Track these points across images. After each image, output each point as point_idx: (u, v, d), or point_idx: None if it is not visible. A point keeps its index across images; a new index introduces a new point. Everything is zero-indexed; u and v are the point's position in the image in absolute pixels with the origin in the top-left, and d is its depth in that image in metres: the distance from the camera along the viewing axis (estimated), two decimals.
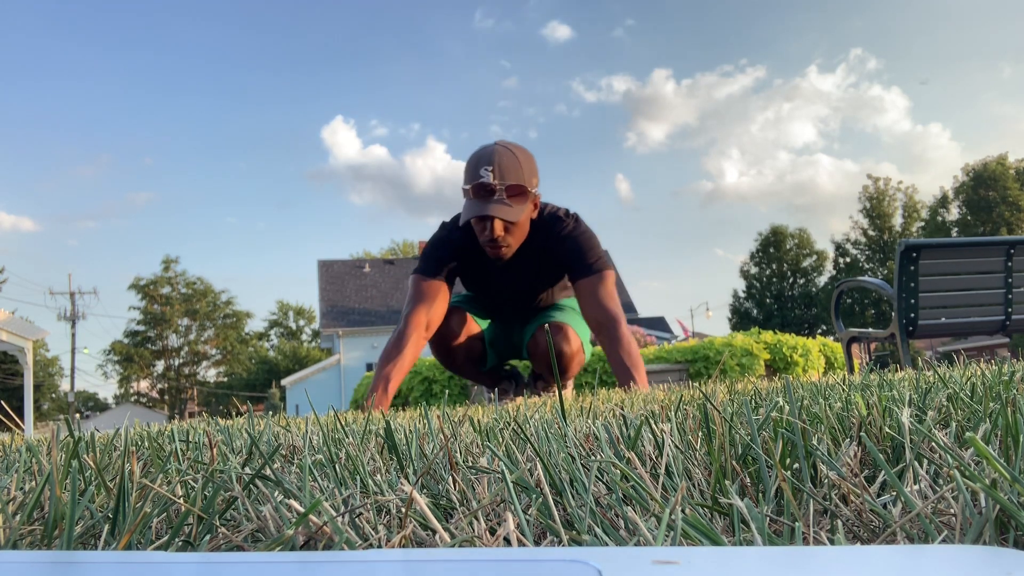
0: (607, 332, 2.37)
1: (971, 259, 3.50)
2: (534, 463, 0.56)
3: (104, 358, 42.98)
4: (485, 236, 2.33)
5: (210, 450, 0.68)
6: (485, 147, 2.36)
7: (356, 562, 0.30)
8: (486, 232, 2.32)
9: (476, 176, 2.28)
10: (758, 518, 0.36)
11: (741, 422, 0.64)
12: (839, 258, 37.55)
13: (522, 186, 2.30)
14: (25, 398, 10.90)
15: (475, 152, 2.37)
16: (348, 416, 1.30)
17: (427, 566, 0.29)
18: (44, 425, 23.74)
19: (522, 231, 2.38)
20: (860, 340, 3.89)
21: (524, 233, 2.40)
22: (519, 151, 2.36)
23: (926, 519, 0.36)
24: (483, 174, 2.27)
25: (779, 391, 1.00)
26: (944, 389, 0.81)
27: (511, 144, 2.38)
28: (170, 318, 42.02)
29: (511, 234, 2.35)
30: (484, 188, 2.28)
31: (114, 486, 0.54)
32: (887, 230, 36.50)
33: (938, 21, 52.77)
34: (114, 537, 0.44)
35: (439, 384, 6.53)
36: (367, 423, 1.01)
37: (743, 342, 6.66)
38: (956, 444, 0.54)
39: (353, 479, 0.54)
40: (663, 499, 0.44)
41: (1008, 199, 33.49)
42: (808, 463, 0.48)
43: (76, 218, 58.19)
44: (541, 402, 1.41)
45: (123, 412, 35.36)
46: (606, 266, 2.45)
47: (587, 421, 0.81)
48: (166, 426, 1.16)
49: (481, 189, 2.28)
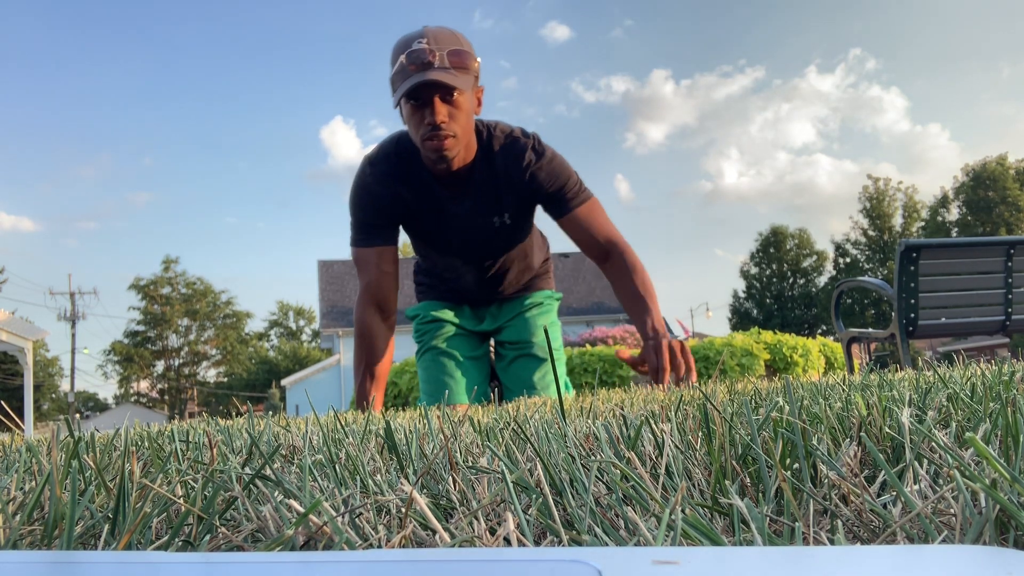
0: (616, 261, 2.05)
1: (971, 259, 3.51)
2: (534, 463, 0.56)
3: (104, 358, 43.01)
4: (425, 124, 1.86)
5: (210, 450, 0.68)
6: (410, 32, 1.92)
7: (356, 562, 0.30)
8: (427, 118, 1.85)
9: (407, 50, 1.84)
10: (758, 518, 0.36)
11: (741, 422, 0.64)
12: (839, 258, 37.57)
13: (465, 52, 1.87)
14: (25, 398, 10.90)
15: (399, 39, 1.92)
16: (348, 416, 1.30)
17: (427, 566, 0.29)
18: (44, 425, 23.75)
19: (468, 123, 1.92)
20: (860, 340, 3.89)
21: (470, 129, 1.95)
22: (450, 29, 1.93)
23: (926, 519, 0.36)
24: (416, 46, 1.83)
25: (779, 391, 1.00)
26: (944, 389, 0.81)
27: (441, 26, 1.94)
28: (170, 318, 42.01)
29: (456, 121, 1.88)
30: (419, 57, 1.82)
31: (114, 486, 0.54)
32: (887, 230, 36.51)
33: (937, 21, 52.81)
34: (114, 537, 0.44)
35: None
36: (367, 423, 1.01)
37: (743, 342, 6.66)
38: (956, 444, 0.54)
39: (353, 479, 0.54)
40: (663, 499, 0.44)
41: (1008, 199, 33.50)
42: (808, 463, 0.48)
43: (76, 218, 58.22)
44: (541, 402, 1.41)
45: (123, 412, 35.34)
46: (589, 193, 2.09)
47: (587, 421, 0.81)
48: (166, 426, 1.16)
49: (416, 58, 1.82)
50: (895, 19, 53.49)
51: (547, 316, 2.37)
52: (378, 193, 2.02)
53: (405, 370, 6.79)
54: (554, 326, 2.40)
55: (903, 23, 53.57)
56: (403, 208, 2.05)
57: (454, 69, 1.84)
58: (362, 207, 2.05)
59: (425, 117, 1.85)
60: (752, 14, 55.97)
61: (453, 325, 2.33)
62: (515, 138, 2.02)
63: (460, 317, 2.35)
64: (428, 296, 2.39)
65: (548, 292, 2.43)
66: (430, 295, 2.39)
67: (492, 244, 2.15)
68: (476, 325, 2.35)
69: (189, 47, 55.21)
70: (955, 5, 51.84)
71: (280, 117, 58.37)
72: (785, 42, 56.58)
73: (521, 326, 2.31)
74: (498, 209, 2.06)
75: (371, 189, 2.03)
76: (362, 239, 2.07)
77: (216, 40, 55.53)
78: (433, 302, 2.37)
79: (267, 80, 57.48)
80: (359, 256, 2.08)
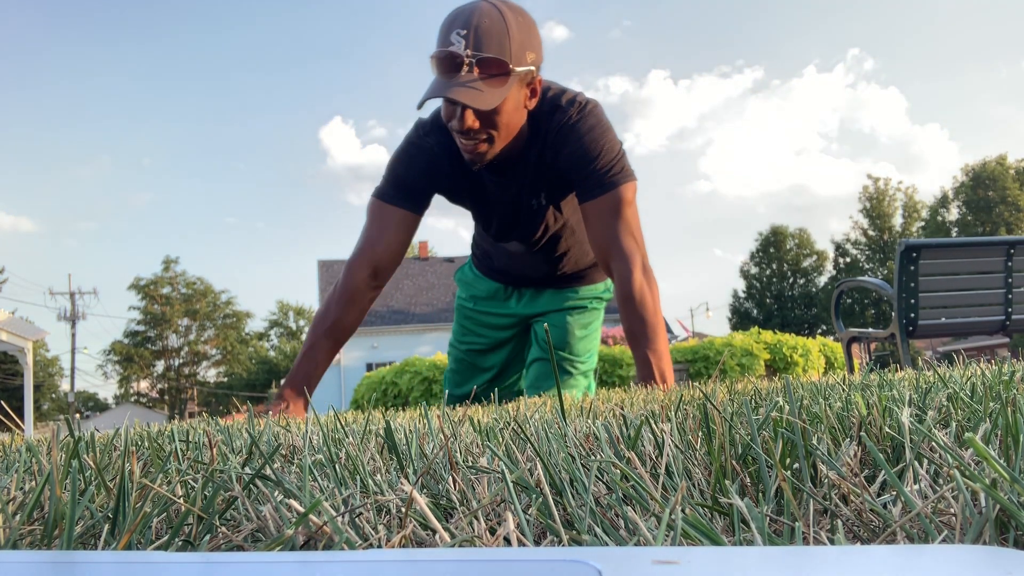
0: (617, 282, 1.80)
1: (971, 259, 3.51)
2: (534, 463, 0.56)
3: (104, 358, 43.02)
4: (452, 126, 1.71)
5: (210, 450, 0.68)
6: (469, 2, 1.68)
7: (356, 562, 0.30)
8: (454, 121, 1.69)
9: (445, 41, 1.64)
10: (758, 518, 0.36)
11: (741, 422, 0.64)
12: (839, 258, 37.58)
13: (502, 62, 1.62)
14: (25, 398, 10.90)
15: (453, 9, 1.70)
16: (348, 416, 1.30)
17: (427, 566, 0.29)
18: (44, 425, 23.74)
19: (509, 124, 1.72)
20: (860, 340, 3.89)
21: (515, 127, 1.75)
22: (514, 12, 1.67)
23: (926, 519, 0.36)
24: (454, 40, 1.62)
25: (779, 391, 1.00)
26: (944, 389, 0.81)
27: (507, 2, 1.68)
28: (170, 318, 42.01)
29: (490, 125, 1.69)
30: (449, 60, 1.62)
31: (114, 486, 0.54)
32: (887, 230, 36.52)
33: (935, 21, 52.81)
34: (114, 537, 0.44)
35: (439, 384, 6.53)
36: (367, 423, 1.01)
37: (743, 342, 6.66)
38: (956, 444, 0.54)
39: (353, 479, 0.54)
40: (663, 499, 0.44)
41: (1008, 199, 33.51)
42: (808, 463, 0.48)
43: (76, 218, 58.23)
44: (541, 402, 1.41)
45: (123, 412, 35.34)
46: (621, 177, 1.79)
47: (587, 421, 0.81)
48: (166, 426, 1.16)
49: (446, 61, 1.62)
50: (893, 19, 53.55)
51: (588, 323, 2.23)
52: (424, 158, 1.87)
53: (405, 370, 6.79)
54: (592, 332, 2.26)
55: (901, 23, 53.63)
56: (446, 182, 1.92)
57: (484, 81, 1.62)
58: (406, 164, 1.89)
59: (454, 116, 1.69)
60: (750, 14, 56.04)
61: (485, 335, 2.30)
62: (557, 107, 1.79)
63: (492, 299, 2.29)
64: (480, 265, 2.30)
65: (599, 288, 2.25)
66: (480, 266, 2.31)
67: (531, 227, 1.98)
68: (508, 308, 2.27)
69: (189, 47, 55.26)
70: (953, 5, 51.90)
71: (279, 117, 58.43)
72: (783, 42, 56.70)
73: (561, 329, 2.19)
74: (535, 190, 1.90)
75: (420, 151, 1.88)
76: (391, 194, 1.88)
77: (216, 40, 55.58)
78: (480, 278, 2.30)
79: (266, 80, 57.53)
80: (379, 210, 1.88)
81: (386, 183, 1.90)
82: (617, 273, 1.80)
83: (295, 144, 60.13)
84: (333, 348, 1.87)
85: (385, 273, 1.90)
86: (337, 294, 1.88)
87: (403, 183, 1.88)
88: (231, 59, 56.23)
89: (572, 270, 2.18)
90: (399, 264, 1.95)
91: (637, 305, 1.77)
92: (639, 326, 1.78)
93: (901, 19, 53.44)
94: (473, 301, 2.33)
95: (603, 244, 1.82)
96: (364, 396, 6.93)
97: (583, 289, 2.23)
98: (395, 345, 23.71)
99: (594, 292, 2.26)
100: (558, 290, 2.22)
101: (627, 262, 1.78)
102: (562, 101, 1.80)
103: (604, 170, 1.79)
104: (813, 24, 55.75)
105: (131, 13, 53.50)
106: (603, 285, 2.28)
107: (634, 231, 1.82)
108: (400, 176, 1.89)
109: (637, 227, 1.83)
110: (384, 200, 1.89)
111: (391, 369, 6.92)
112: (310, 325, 1.91)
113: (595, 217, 1.81)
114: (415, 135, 1.90)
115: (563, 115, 1.78)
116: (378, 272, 1.89)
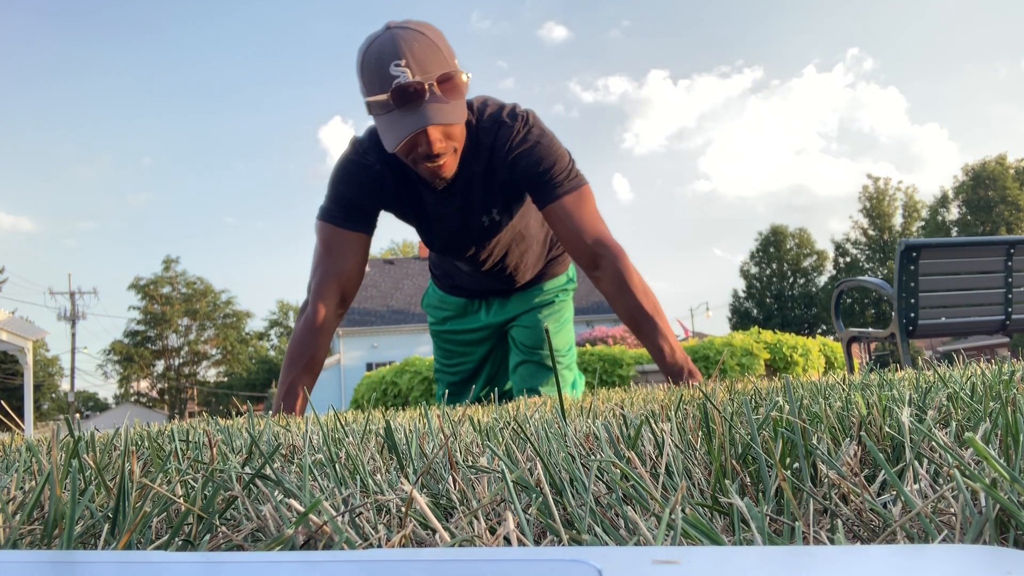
0: (609, 269, 1.78)
1: (971, 259, 3.50)
2: (534, 463, 0.56)
3: (104, 358, 43.03)
4: (419, 154, 1.66)
5: (210, 450, 0.68)
6: (376, 37, 1.65)
7: (356, 562, 0.30)
8: (420, 148, 1.64)
9: (385, 78, 1.59)
10: (758, 517, 0.36)
11: (741, 421, 0.64)
12: (839, 258, 37.58)
13: (451, 74, 1.63)
14: (25, 398, 10.90)
15: (365, 49, 1.65)
16: (348, 416, 1.30)
17: (427, 566, 0.29)
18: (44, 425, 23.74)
19: (460, 137, 1.73)
20: (860, 340, 3.89)
21: (464, 136, 1.75)
22: (423, 27, 1.66)
23: (926, 519, 0.36)
24: (396, 73, 1.58)
25: (779, 391, 1.00)
26: (944, 389, 0.81)
27: (410, 23, 1.66)
28: (170, 318, 42.01)
29: (452, 138, 1.68)
30: (406, 91, 1.58)
31: (114, 486, 0.54)
32: (887, 230, 36.52)
33: (934, 21, 52.82)
34: (114, 537, 0.44)
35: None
36: (367, 423, 1.01)
37: (743, 342, 6.66)
38: (956, 443, 0.54)
39: (353, 478, 0.54)
40: (663, 499, 0.44)
41: (1008, 199, 33.50)
42: (808, 462, 0.48)
43: (76, 218, 58.24)
44: (541, 402, 1.41)
45: (123, 412, 35.34)
46: (581, 180, 1.82)
47: (587, 421, 0.81)
48: (166, 426, 1.16)
49: (403, 93, 1.58)
50: (892, 19, 53.56)
51: (560, 316, 2.26)
52: (367, 177, 1.83)
53: (405, 370, 6.79)
54: (566, 325, 2.29)
55: (900, 23, 53.64)
56: (394, 200, 1.88)
57: (446, 96, 1.62)
58: (349, 183, 1.83)
59: (419, 145, 1.64)
60: (750, 14, 56.07)
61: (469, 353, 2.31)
62: (501, 122, 1.79)
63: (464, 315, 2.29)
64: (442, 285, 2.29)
65: (562, 280, 2.27)
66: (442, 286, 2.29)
67: (481, 242, 1.98)
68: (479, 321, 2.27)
69: (189, 48, 55.26)
70: (951, 6, 51.91)
71: (279, 117, 58.48)
72: (783, 42, 56.71)
73: (534, 329, 2.20)
74: (485, 207, 1.88)
75: (362, 169, 1.83)
76: (342, 218, 1.83)
77: (215, 41, 55.59)
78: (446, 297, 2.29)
79: (266, 80, 57.56)
80: (333, 237, 1.83)
81: (334, 205, 1.84)
82: (608, 265, 1.79)
83: (295, 144, 60.25)
84: (312, 382, 1.81)
85: (351, 296, 1.87)
86: (310, 328, 1.79)
87: (350, 204, 1.83)
88: (231, 59, 56.28)
89: (532, 274, 2.18)
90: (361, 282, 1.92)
91: (639, 292, 1.77)
92: (644, 314, 1.78)
93: (900, 19, 53.52)
94: (445, 323, 2.32)
95: (582, 240, 1.79)
96: (364, 396, 6.93)
97: (547, 284, 2.23)
98: (395, 345, 23.71)
99: (558, 285, 2.26)
100: (523, 292, 2.23)
101: (615, 250, 1.79)
102: (503, 116, 1.80)
103: (565, 172, 1.81)
104: (812, 24, 55.83)
105: (131, 13, 53.54)
106: (565, 276, 2.29)
107: (606, 227, 1.84)
108: (346, 197, 1.83)
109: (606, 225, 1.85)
110: (335, 224, 1.83)
111: (391, 369, 6.92)
112: (285, 360, 1.82)
113: (566, 215, 1.79)
114: (354, 153, 1.85)
115: (510, 130, 1.78)
116: (345, 297, 1.85)
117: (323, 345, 1.81)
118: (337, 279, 1.82)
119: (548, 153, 1.79)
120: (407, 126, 1.60)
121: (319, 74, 58.52)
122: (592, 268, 1.82)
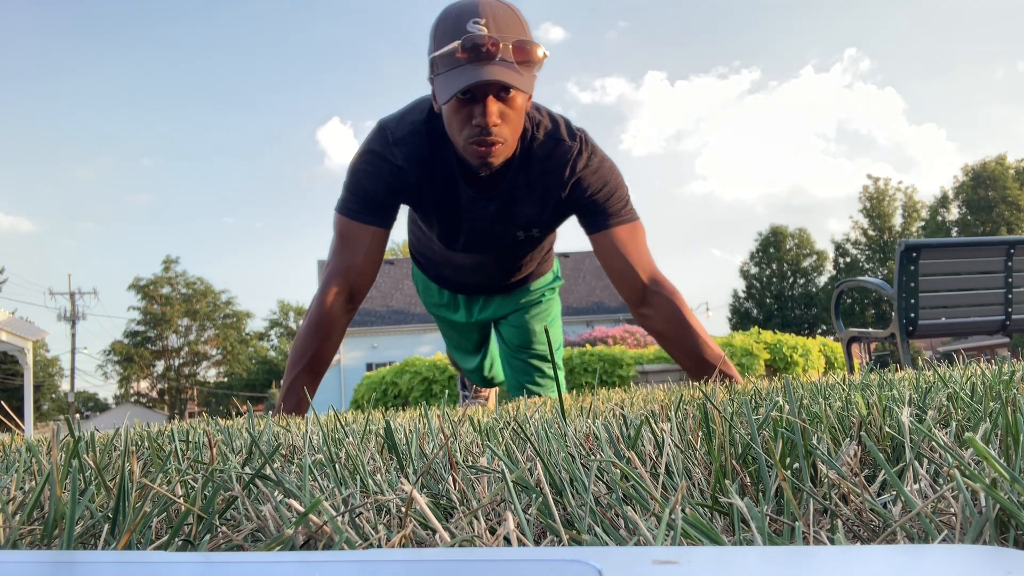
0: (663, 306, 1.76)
1: (971, 259, 3.51)
2: (534, 463, 0.56)
3: (104, 358, 43.02)
4: (473, 126, 1.55)
5: (210, 450, 0.68)
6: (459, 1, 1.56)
7: (356, 562, 0.30)
8: (475, 119, 1.54)
9: (460, 31, 1.50)
10: (758, 517, 0.36)
11: (741, 422, 0.64)
12: (839, 258, 37.56)
13: (530, 49, 1.52)
14: (25, 398, 10.90)
15: (445, 9, 1.57)
16: (348, 416, 1.30)
17: (427, 566, 0.29)
18: (44, 425, 23.73)
19: (520, 124, 1.62)
20: (860, 340, 3.89)
21: (520, 130, 1.64)
22: (512, 7, 1.58)
23: (926, 518, 0.36)
24: (472, 29, 1.49)
25: (779, 391, 1.00)
26: (944, 389, 0.81)
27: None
28: (170, 318, 42.01)
29: (508, 123, 1.58)
30: (479, 45, 1.47)
31: (114, 486, 0.54)
32: (887, 230, 36.51)
33: (932, 22, 52.85)
34: (114, 537, 0.44)
35: (439, 384, 6.53)
36: (367, 423, 1.01)
37: (743, 342, 6.66)
38: (956, 443, 0.54)
39: (353, 479, 0.54)
40: (663, 499, 0.44)
41: (1008, 199, 33.51)
42: (808, 462, 0.48)
43: (75, 219, 58.26)
44: (541, 402, 1.41)
45: (123, 412, 35.32)
46: (636, 213, 1.79)
47: (587, 421, 0.81)
48: (166, 426, 1.16)
49: (475, 47, 1.48)
50: (889, 19, 53.55)
51: (547, 314, 2.24)
52: (394, 171, 1.70)
53: (405, 370, 6.79)
54: (555, 322, 2.28)
55: (897, 23, 53.64)
56: (417, 196, 1.76)
57: (518, 64, 1.51)
58: (372, 177, 1.71)
59: (474, 116, 1.54)
60: (747, 15, 56.04)
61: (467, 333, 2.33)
62: (559, 140, 1.70)
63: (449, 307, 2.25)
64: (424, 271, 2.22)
65: (548, 279, 2.23)
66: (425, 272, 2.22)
67: (506, 253, 1.92)
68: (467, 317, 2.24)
69: (188, 48, 55.30)
70: (948, 7, 51.93)
71: (278, 118, 58.46)
72: (780, 43, 56.65)
73: (522, 329, 2.19)
74: (524, 222, 1.80)
75: (386, 161, 1.70)
76: (360, 212, 1.73)
77: (214, 41, 55.62)
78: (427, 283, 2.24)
79: (264, 81, 57.56)
80: (348, 230, 1.74)
81: (351, 197, 1.74)
82: (663, 304, 1.78)
83: (293, 145, 60.17)
84: (315, 382, 1.74)
85: (360, 295, 1.78)
86: (314, 327, 1.73)
87: (372, 198, 1.72)
88: (230, 60, 56.30)
89: (524, 275, 2.14)
90: (374, 282, 1.83)
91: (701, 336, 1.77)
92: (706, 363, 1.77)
93: (897, 19, 53.47)
94: (435, 308, 2.30)
95: (635, 275, 1.77)
96: (364, 396, 6.93)
97: (534, 284, 2.19)
98: (395, 345, 23.70)
99: (545, 283, 2.21)
100: (507, 294, 2.18)
101: (668, 288, 1.78)
102: (561, 133, 1.72)
103: (623, 201, 1.77)
104: (810, 25, 55.75)
105: (131, 13, 53.56)
106: (551, 274, 2.24)
107: (655, 264, 1.82)
108: (367, 190, 1.72)
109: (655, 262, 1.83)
110: (351, 217, 1.74)
111: (391, 369, 6.92)
112: (288, 360, 1.75)
113: (620, 246, 1.76)
114: (380, 143, 1.70)
115: (568, 150, 1.71)
116: (354, 295, 1.76)
117: (328, 343, 1.74)
118: (345, 274, 1.74)
119: (611, 179, 1.75)
120: (470, 77, 1.48)
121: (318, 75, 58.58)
122: (641, 304, 1.80)
